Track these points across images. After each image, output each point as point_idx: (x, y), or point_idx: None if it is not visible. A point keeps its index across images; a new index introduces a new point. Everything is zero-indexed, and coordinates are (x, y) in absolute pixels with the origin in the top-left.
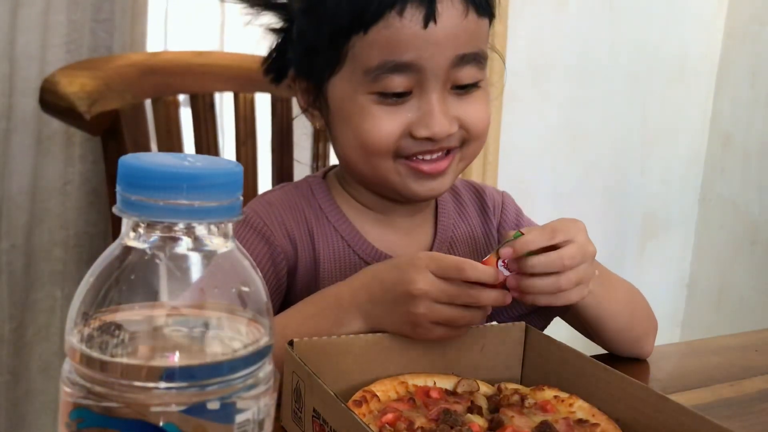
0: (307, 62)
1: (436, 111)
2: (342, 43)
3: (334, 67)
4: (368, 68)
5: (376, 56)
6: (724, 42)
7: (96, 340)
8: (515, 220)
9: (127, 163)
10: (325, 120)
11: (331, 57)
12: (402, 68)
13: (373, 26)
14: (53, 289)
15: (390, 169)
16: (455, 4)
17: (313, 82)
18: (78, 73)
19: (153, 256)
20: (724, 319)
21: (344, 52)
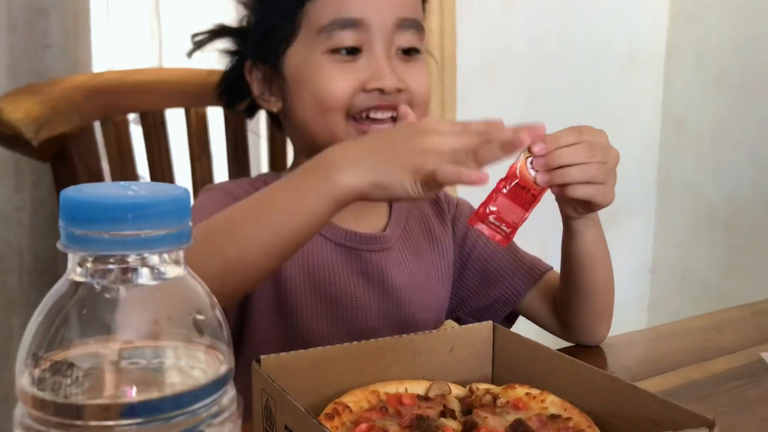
0: (263, 46)
1: (385, 66)
2: (296, 13)
3: (290, 37)
4: (321, 27)
5: (328, 15)
6: (670, 27)
7: (48, 381)
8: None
9: (69, 196)
10: (282, 97)
11: (286, 29)
12: (351, 24)
13: None
14: (8, 318)
15: (341, 129)
16: None
17: (269, 62)
18: (22, 98)
19: (103, 289)
20: (689, 301)
21: (299, 20)
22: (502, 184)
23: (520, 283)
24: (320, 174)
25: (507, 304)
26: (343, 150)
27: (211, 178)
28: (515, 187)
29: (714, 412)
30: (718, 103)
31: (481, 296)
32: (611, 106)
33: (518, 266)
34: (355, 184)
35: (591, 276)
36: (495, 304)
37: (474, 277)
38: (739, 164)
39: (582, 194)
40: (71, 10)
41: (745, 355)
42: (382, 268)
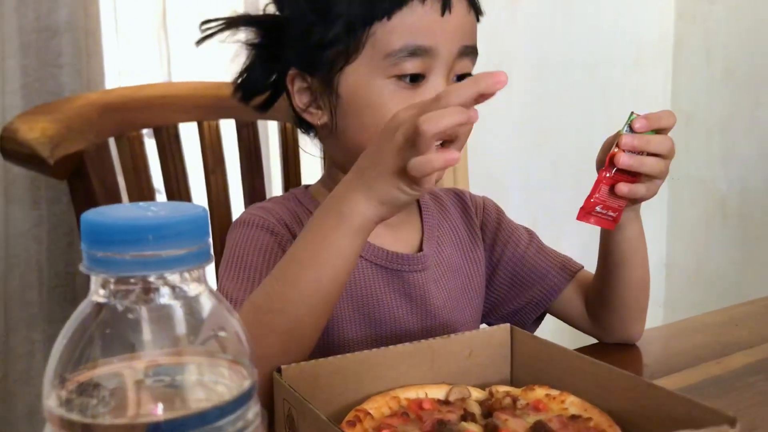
0: (312, 58)
1: None
2: (361, 32)
3: (349, 57)
4: (390, 52)
5: (398, 40)
6: (677, 23)
7: (75, 402)
8: (496, 219)
9: (90, 219)
10: (331, 114)
11: (347, 47)
12: (420, 52)
13: (397, 12)
14: (30, 334)
15: None
16: (461, 1)
17: (319, 75)
18: (37, 117)
19: (125, 309)
20: (705, 295)
21: (363, 41)
22: (603, 174)
23: (553, 284)
24: (332, 215)
25: (539, 305)
26: (343, 184)
27: (226, 189)
28: (616, 174)
29: (735, 407)
30: (726, 96)
31: (512, 300)
32: (619, 102)
33: (550, 267)
34: (364, 210)
35: (630, 271)
36: (526, 307)
37: (504, 281)
38: (749, 156)
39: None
40: (82, 30)
41: (763, 349)
42: (423, 288)
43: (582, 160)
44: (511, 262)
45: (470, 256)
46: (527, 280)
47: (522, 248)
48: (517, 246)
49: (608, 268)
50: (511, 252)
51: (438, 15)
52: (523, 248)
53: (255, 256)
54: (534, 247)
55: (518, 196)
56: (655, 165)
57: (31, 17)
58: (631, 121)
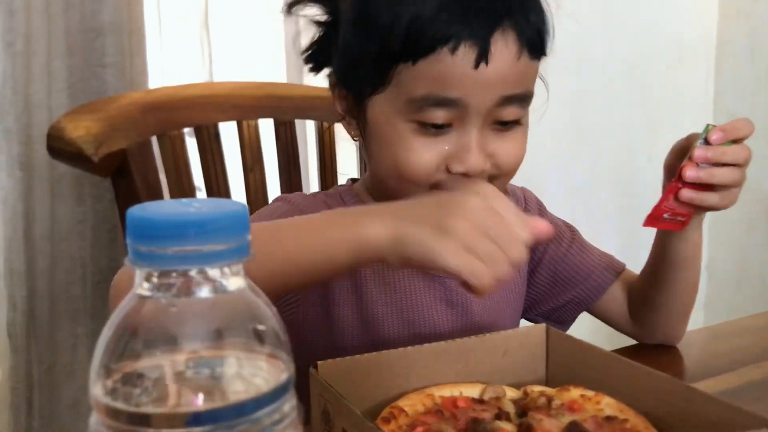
0: (348, 73)
1: (474, 147)
2: (387, 67)
3: (377, 87)
4: (412, 98)
5: (422, 88)
6: (720, 21)
7: (119, 391)
8: (538, 213)
9: (135, 215)
10: (361, 133)
11: (374, 77)
12: (446, 103)
13: (423, 59)
14: (74, 327)
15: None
16: (509, 46)
17: (352, 94)
18: (82, 116)
19: (168, 303)
20: (746, 299)
21: (389, 76)
22: (675, 185)
23: (597, 284)
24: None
25: (581, 304)
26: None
27: (264, 188)
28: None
29: None
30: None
31: (553, 298)
32: (659, 102)
33: (594, 266)
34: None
35: (685, 274)
36: (567, 305)
37: (545, 279)
38: None
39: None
40: (126, 30)
41: None
42: (465, 294)
43: (622, 161)
44: (553, 260)
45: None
46: (570, 279)
47: (565, 246)
48: (560, 244)
49: (662, 271)
50: (554, 250)
51: (471, 67)
52: (565, 246)
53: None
54: (577, 245)
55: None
56: (727, 175)
57: (77, 19)
58: (708, 132)
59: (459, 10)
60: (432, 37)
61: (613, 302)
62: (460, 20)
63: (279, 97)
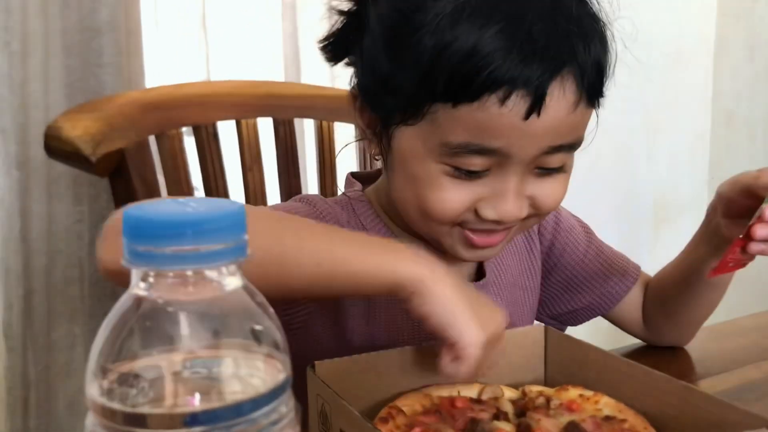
0: (375, 95)
1: (511, 194)
2: (423, 102)
3: (407, 119)
4: (448, 143)
5: (461, 135)
6: (719, 20)
7: (116, 391)
8: (554, 221)
9: (131, 214)
10: (383, 156)
11: (406, 108)
12: (487, 153)
13: (466, 104)
14: (71, 327)
15: (444, 233)
16: (566, 96)
17: (378, 116)
18: (80, 116)
19: (165, 303)
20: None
21: (423, 112)
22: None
23: (614, 291)
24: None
25: (595, 311)
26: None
27: (263, 187)
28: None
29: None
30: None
31: (566, 302)
32: (659, 101)
33: (610, 273)
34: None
35: (716, 294)
36: (581, 310)
37: (559, 283)
38: None
39: None
40: (124, 29)
41: None
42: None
43: (621, 160)
44: (569, 265)
45: (527, 266)
46: (586, 285)
47: (581, 252)
48: (576, 249)
49: (694, 286)
50: (570, 255)
51: (520, 119)
52: (582, 252)
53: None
54: (593, 249)
55: None
56: None
57: (74, 18)
58: None
59: (516, 54)
60: (481, 83)
61: (627, 309)
62: (517, 66)
63: (278, 96)
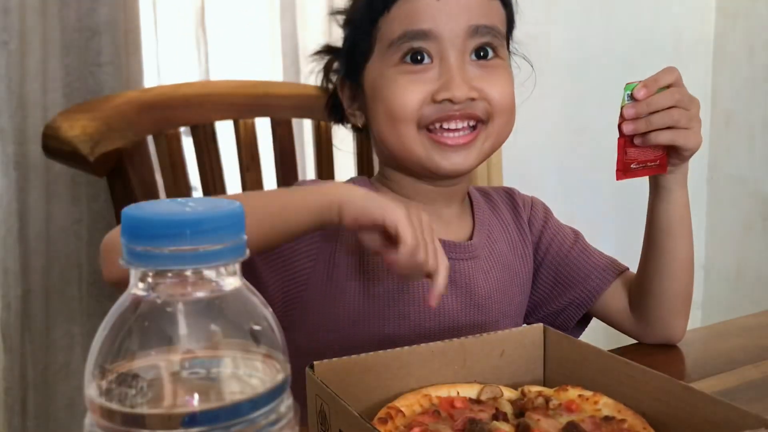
0: (349, 64)
1: (456, 75)
2: (371, 29)
3: (367, 54)
4: (392, 41)
5: (398, 28)
6: (718, 20)
7: (114, 392)
8: (543, 218)
9: (130, 214)
10: (365, 114)
11: (364, 46)
12: (421, 36)
13: (394, 4)
14: (70, 327)
15: (415, 140)
16: None
17: (354, 79)
18: (78, 116)
19: (164, 303)
20: (744, 298)
21: (374, 37)
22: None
23: (595, 285)
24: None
25: (581, 306)
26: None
27: (261, 187)
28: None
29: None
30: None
31: (554, 300)
32: None
33: (592, 268)
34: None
35: (676, 245)
36: (568, 308)
37: (547, 280)
38: None
39: (665, 139)
40: (122, 29)
41: None
42: (470, 275)
43: None
44: (554, 261)
45: (519, 251)
46: (569, 281)
47: (566, 248)
48: (562, 245)
49: (653, 240)
50: (556, 251)
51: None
52: (567, 248)
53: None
54: (579, 247)
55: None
56: (666, 117)
57: (72, 17)
58: (632, 91)
59: None
60: None
61: (612, 301)
62: None
63: (275, 96)
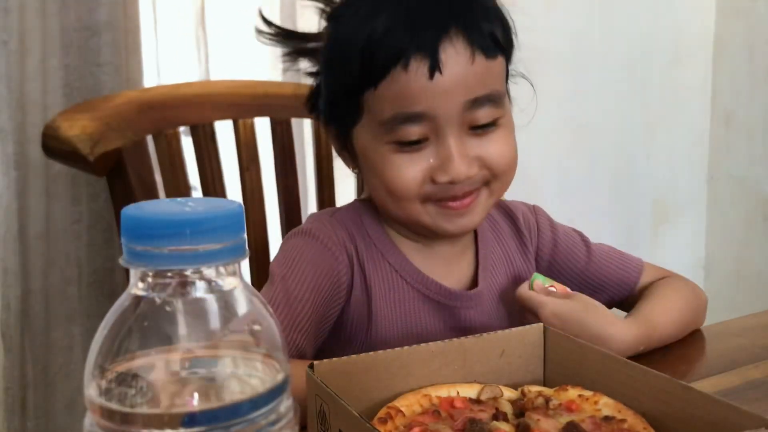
0: (332, 112)
1: (455, 155)
2: (357, 97)
3: (355, 118)
4: (382, 120)
5: (388, 109)
6: (718, 20)
7: (114, 391)
8: (552, 241)
9: (130, 214)
10: (357, 167)
11: (350, 109)
12: (414, 118)
13: (381, 82)
14: (69, 327)
15: (420, 211)
16: (459, 51)
17: (339, 130)
18: (78, 116)
19: (163, 303)
20: (745, 298)
21: (361, 106)
22: None
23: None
24: None
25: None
26: None
27: (261, 186)
28: None
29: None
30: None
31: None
32: (657, 101)
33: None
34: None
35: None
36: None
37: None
38: None
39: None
40: (122, 29)
41: None
42: (474, 323)
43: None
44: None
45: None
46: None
47: (581, 265)
48: (576, 263)
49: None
50: (570, 270)
51: (426, 79)
52: (582, 266)
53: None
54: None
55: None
56: None
57: (72, 17)
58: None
59: (402, 27)
60: (383, 59)
61: None
62: (406, 37)
63: (275, 96)
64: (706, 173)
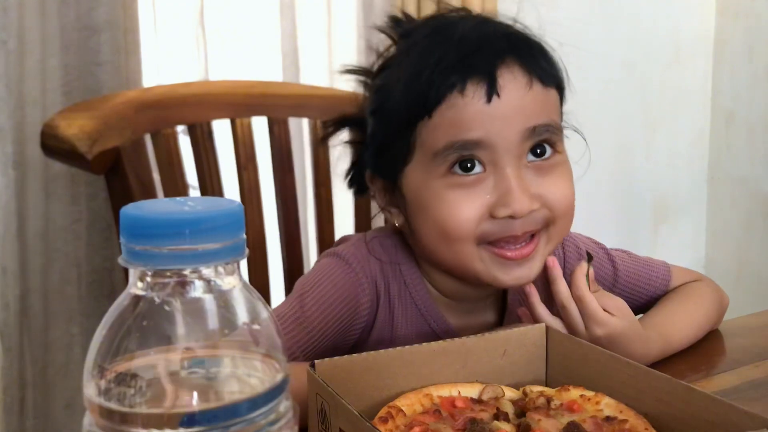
0: (380, 160)
1: (515, 187)
2: (410, 133)
3: (406, 158)
4: (436, 151)
5: (443, 137)
6: (718, 19)
7: (113, 391)
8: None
9: (129, 213)
10: (404, 215)
11: (401, 149)
12: (470, 146)
13: (436, 109)
14: (68, 327)
15: (474, 256)
16: (517, 76)
17: (387, 178)
18: (76, 115)
19: (163, 302)
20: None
21: (413, 142)
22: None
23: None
24: None
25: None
26: None
27: (258, 186)
28: None
29: None
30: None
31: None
32: (658, 100)
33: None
34: None
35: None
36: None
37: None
38: None
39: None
40: (121, 28)
41: None
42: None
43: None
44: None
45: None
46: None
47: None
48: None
49: None
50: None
51: (484, 103)
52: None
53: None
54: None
55: None
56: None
57: (71, 16)
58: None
59: (458, 56)
60: (439, 85)
61: None
62: (464, 63)
63: (272, 96)
64: (706, 173)
